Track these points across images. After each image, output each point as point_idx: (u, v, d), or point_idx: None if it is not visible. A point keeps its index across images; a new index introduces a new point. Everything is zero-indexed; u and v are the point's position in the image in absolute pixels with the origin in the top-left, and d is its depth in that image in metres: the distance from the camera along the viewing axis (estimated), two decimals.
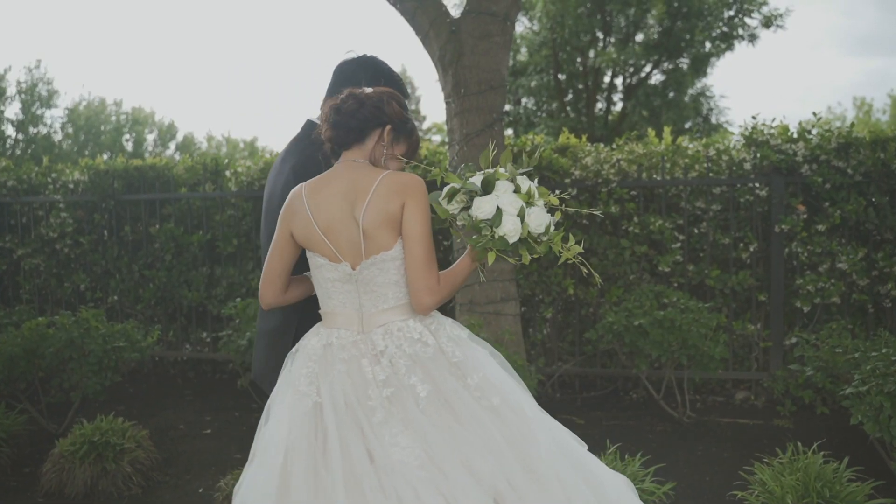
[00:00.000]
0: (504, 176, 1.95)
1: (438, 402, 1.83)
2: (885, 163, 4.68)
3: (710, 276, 4.95)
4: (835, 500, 2.73)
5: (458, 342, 1.93)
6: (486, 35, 4.59)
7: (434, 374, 1.86)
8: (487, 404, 1.84)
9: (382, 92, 2.03)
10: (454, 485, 1.72)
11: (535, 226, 1.93)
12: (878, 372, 3.13)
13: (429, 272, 1.88)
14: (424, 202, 1.90)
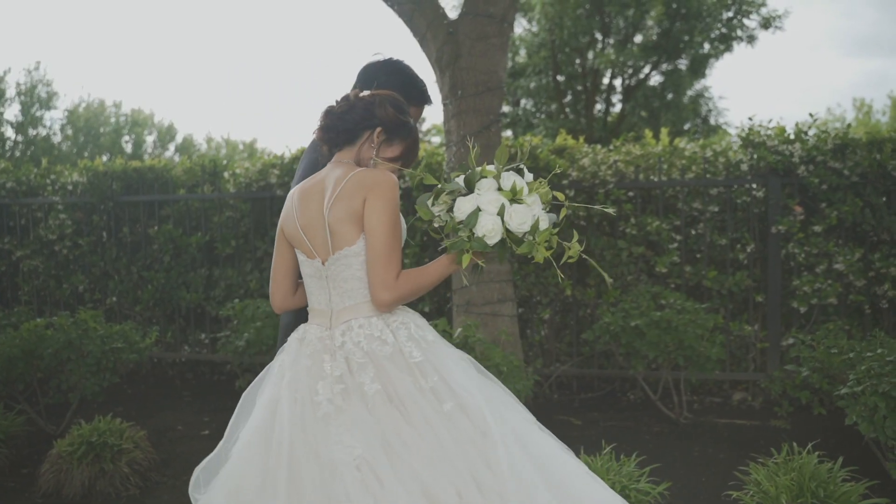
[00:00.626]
0: (490, 173, 1.89)
1: (387, 403, 1.80)
2: (882, 164, 4.70)
3: (708, 277, 4.96)
4: (829, 500, 2.74)
5: (419, 342, 1.89)
6: (483, 37, 4.60)
7: (388, 374, 1.83)
8: (440, 409, 1.78)
9: (378, 95, 2.05)
10: (388, 490, 1.68)
11: (518, 224, 1.84)
12: (872, 372, 3.14)
13: (385, 268, 1.86)
14: (387, 197, 1.87)
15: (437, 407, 1.78)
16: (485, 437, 1.75)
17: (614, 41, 14.18)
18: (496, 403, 1.86)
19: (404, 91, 2.36)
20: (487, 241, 1.84)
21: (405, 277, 1.88)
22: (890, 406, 3.06)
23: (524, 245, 1.85)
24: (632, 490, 2.85)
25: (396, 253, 1.88)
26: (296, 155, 5.76)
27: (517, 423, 1.86)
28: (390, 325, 1.92)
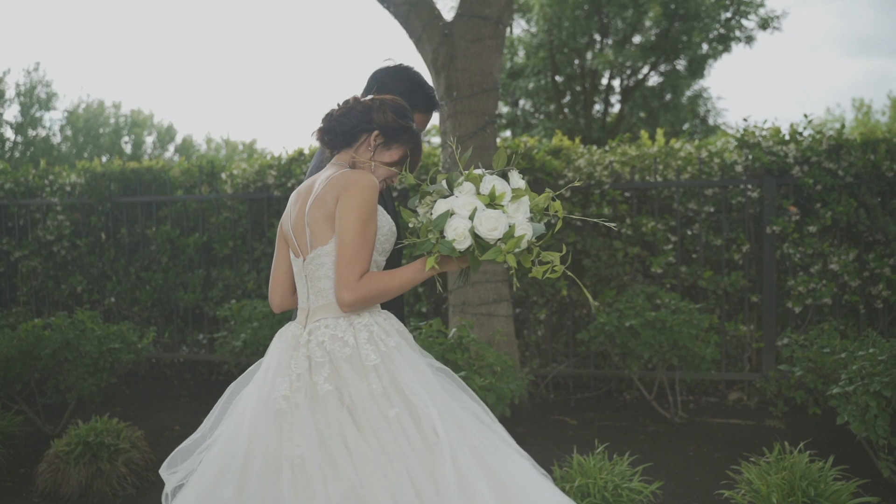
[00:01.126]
0: (474, 177, 1.84)
1: (338, 404, 1.80)
2: (876, 164, 4.72)
3: (703, 277, 4.98)
4: (819, 499, 2.76)
5: (377, 346, 1.87)
6: (478, 38, 4.62)
7: (343, 375, 1.83)
8: (386, 414, 1.77)
9: (378, 98, 2.06)
10: (316, 492, 1.69)
11: (488, 230, 1.76)
12: (864, 372, 3.16)
13: (349, 268, 1.84)
14: (358, 198, 1.86)
15: (384, 412, 1.77)
16: (431, 447, 1.73)
17: (613, 42, 14.20)
18: (458, 415, 1.82)
19: (410, 96, 2.36)
20: (456, 245, 1.78)
21: (369, 279, 1.86)
22: (881, 405, 3.07)
23: (490, 251, 1.77)
24: (624, 489, 2.87)
25: (363, 254, 1.85)
26: (293, 156, 5.78)
27: (479, 439, 1.81)
28: (354, 327, 1.91)
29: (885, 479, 3.43)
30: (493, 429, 1.91)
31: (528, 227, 1.80)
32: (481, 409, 1.95)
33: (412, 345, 1.99)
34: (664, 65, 14.19)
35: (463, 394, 1.95)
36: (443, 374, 1.96)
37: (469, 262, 1.83)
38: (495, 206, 1.80)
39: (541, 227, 1.83)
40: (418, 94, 2.41)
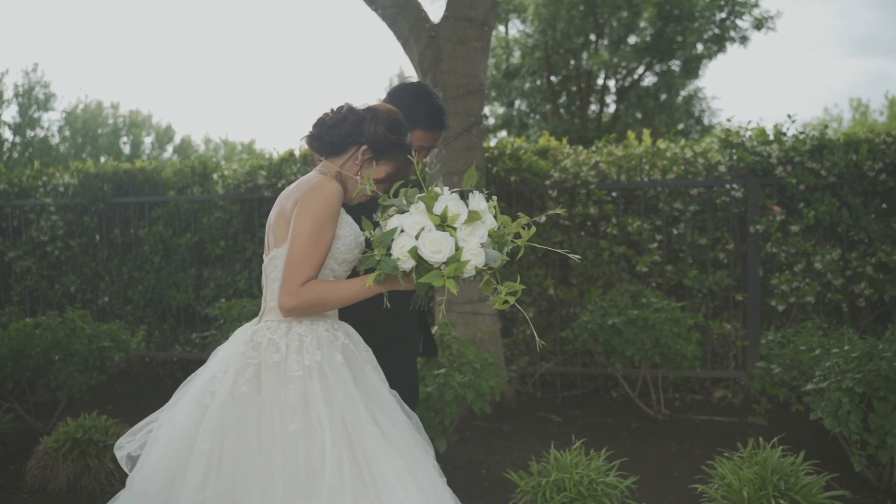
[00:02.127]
0: (432, 195, 1.77)
1: (248, 408, 1.81)
2: (858, 164, 4.77)
3: (689, 276, 5.04)
4: (790, 492, 2.81)
5: (304, 356, 1.86)
6: (463, 40, 4.67)
7: (264, 381, 1.84)
8: (285, 428, 1.78)
9: (373, 110, 2.01)
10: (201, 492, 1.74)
11: (431, 251, 1.70)
12: (837, 368, 3.21)
13: (293, 273, 1.84)
14: (312, 204, 1.85)
15: (284, 426, 1.78)
16: (313, 476, 1.73)
17: (608, 42, 14.26)
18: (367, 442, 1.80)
19: (413, 111, 2.34)
20: (400, 265, 1.73)
21: (311, 286, 1.84)
22: (853, 401, 3.12)
23: (429, 274, 1.70)
24: (599, 483, 2.92)
25: (310, 260, 1.84)
26: (283, 157, 5.83)
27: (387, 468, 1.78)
28: (290, 334, 1.90)
29: (858, 473, 3.48)
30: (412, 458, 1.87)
31: (478, 253, 1.72)
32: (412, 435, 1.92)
33: (355, 360, 1.95)
34: (659, 65, 14.24)
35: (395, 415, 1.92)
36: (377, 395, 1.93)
37: (414, 282, 1.76)
38: (446, 227, 1.73)
39: (495, 253, 1.74)
40: (421, 110, 2.38)
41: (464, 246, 1.72)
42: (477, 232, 1.74)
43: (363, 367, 1.98)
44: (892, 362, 3.10)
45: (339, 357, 1.91)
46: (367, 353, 2.05)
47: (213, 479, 1.77)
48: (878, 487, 3.43)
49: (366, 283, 1.82)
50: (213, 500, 1.74)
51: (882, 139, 4.85)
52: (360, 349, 2.03)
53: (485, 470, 3.71)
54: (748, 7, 13.65)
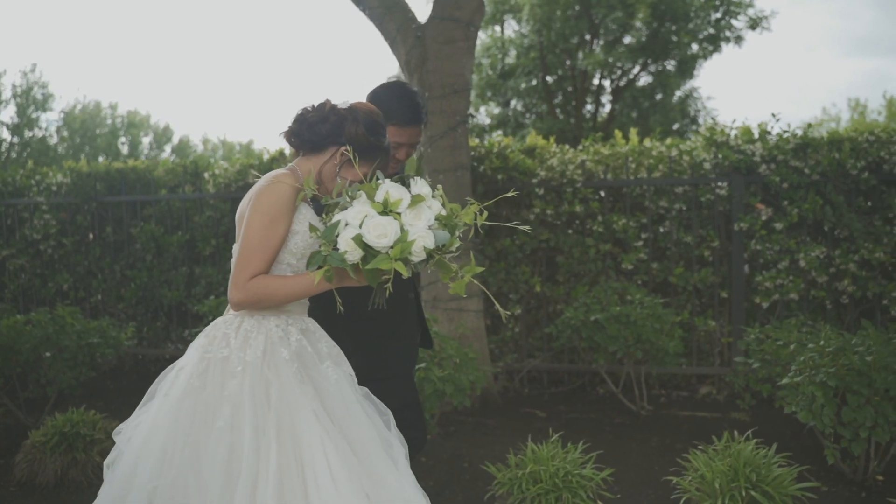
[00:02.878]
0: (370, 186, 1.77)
1: (194, 402, 1.84)
2: (841, 163, 4.82)
3: (674, 273, 5.09)
4: (761, 484, 2.86)
5: (247, 351, 1.88)
6: (449, 40, 4.72)
7: (210, 375, 1.87)
8: (213, 424, 1.80)
9: (354, 109, 2.01)
10: (156, 477, 1.80)
11: (376, 237, 1.69)
12: (811, 363, 3.26)
13: (240, 268, 1.87)
14: (264, 202, 1.87)
15: (214, 422, 1.80)
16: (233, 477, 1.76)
17: (603, 42, 14.31)
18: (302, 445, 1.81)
19: (390, 105, 2.37)
20: (348, 257, 1.72)
21: (257, 282, 1.86)
22: (828, 395, 3.17)
23: (377, 259, 1.68)
24: (575, 475, 2.97)
25: (257, 255, 1.85)
26: (273, 156, 5.89)
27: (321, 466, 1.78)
28: (240, 328, 1.91)
29: (834, 467, 3.53)
30: (367, 453, 1.88)
31: (426, 235, 1.72)
32: (364, 435, 1.90)
33: (308, 357, 1.95)
34: (654, 65, 14.29)
35: (352, 412, 1.92)
36: (333, 391, 1.93)
37: (364, 274, 1.74)
38: (390, 213, 1.73)
39: (444, 233, 1.74)
40: (394, 105, 2.40)
41: (410, 229, 1.72)
42: (423, 215, 1.74)
43: (318, 364, 1.96)
44: (864, 357, 3.15)
45: (284, 353, 1.90)
46: (328, 347, 2.02)
47: (165, 470, 1.80)
48: (854, 480, 3.48)
49: (318, 286, 1.82)
50: (163, 488, 1.78)
51: (865, 137, 4.90)
52: (318, 344, 2.01)
53: (467, 463, 3.76)
54: (743, 7, 13.70)
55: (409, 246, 1.69)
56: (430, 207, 1.77)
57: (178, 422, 1.84)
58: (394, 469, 1.91)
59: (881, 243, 4.74)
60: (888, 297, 4.77)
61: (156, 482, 1.80)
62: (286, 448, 1.81)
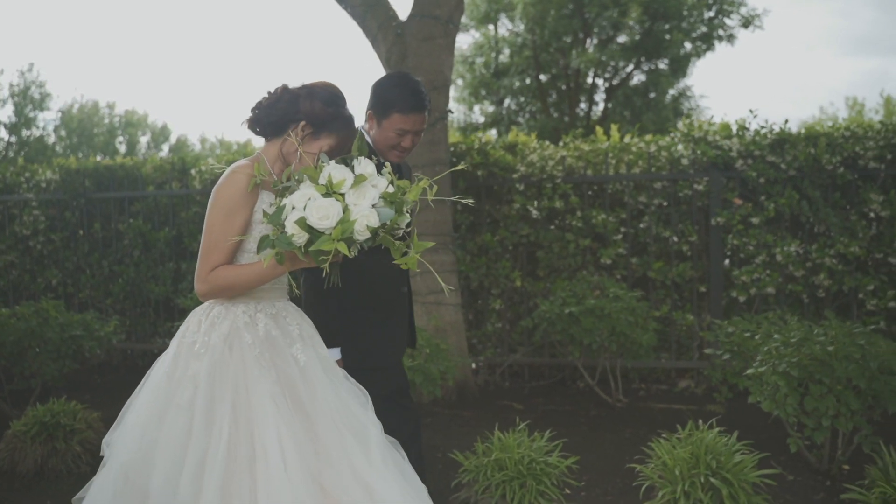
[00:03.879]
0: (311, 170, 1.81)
1: (166, 382, 1.96)
2: (817, 158, 4.87)
3: (653, 268, 5.14)
4: (721, 471, 2.92)
5: (211, 335, 1.96)
6: (429, 37, 4.78)
7: (178, 359, 1.98)
8: (175, 402, 1.91)
9: (308, 87, 2.06)
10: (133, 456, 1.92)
11: (318, 218, 1.72)
12: (775, 353, 3.32)
13: (201, 261, 1.97)
14: (221, 194, 1.94)
15: (175, 400, 1.92)
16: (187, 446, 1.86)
17: (597, 41, 14.36)
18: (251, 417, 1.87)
19: (390, 92, 2.42)
20: (294, 240, 1.75)
21: (217, 273, 1.94)
22: (792, 385, 3.22)
23: (319, 240, 1.71)
24: (539, 463, 3.03)
25: (217, 248, 1.93)
26: None
27: (273, 446, 1.83)
28: (209, 315, 2.02)
29: (802, 456, 3.59)
30: (332, 433, 1.92)
31: (370, 214, 1.75)
32: (328, 417, 1.94)
33: (274, 341, 1.99)
34: (647, 64, 14.34)
35: (319, 392, 1.96)
36: (300, 373, 1.98)
37: (312, 256, 1.77)
38: (334, 194, 1.75)
39: (387, 211, 1.77)
40: (395, 93, 2.43)
41: (353, 209, 1.74)
42: (367, 194, 1.76)
43: (287, 348, 2.01)
44: (826, 347, 3.20)
45: (247, 338, 1.97)
46: (300, 329, 2.06)
47: (138, 446, 1.90)
48: (819, 469, 3.53)
49: (273, 270, 1.88)
50: (133, 463, 1.88)
51: (840, 133, 4.95)
52: (289, 328, 2.05)
53: (440, 454, 3.82)
54: (735, 6, 13.74)
55: (350, 226, 1.71)
56: (375, 186, 1.79)
57: (154, 402, 1.95)
58: (361, 454, 1.93)
59: (857, 238, 4.80)
60: (863, 291, 4.82)
61: (128, 456, 1.90)
62: (239, 429, 1.87)
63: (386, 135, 2.46)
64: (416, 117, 2.46)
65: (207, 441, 1.85)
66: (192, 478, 1.81)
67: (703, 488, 2.88)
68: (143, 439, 1.90)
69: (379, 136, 2.48)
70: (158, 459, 1.87)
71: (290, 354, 2.00)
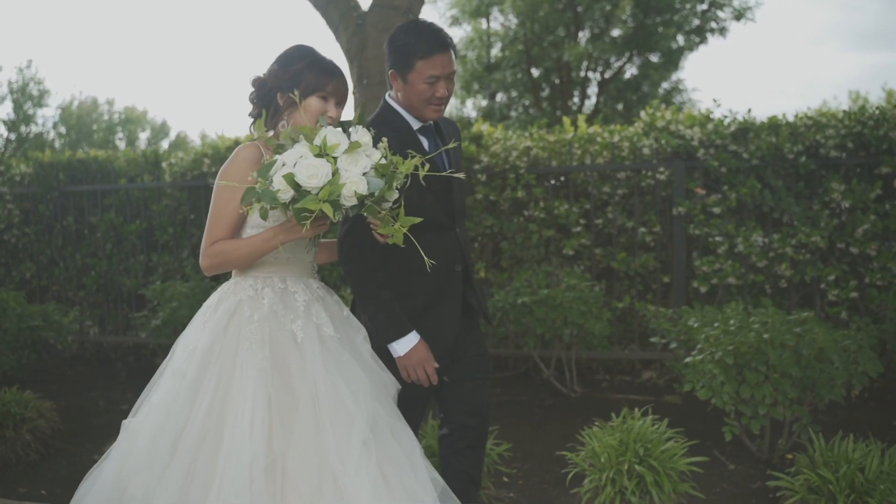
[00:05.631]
0: (307, 129, 1.82)
1: (183, 354, 2.06)
2: (779, 147, 4.83)
3: (617, 258, 5.13)
4: (648, 458, 2.91)
5: (218, 309, 2.06)
6: (388, 28, 4.77)
7: (196, 330, 2.08)
8: (175, 368, 2.02)
9: (271, 65, 2.12)
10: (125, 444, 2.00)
11: (306, 176, 1.72)
12: (712, 341, 3.30)
13: (206, 236, 2.06)
14: (223, 172, 2.01)
15: (171, 365, 2.04)
16: (187, 403, 1.95)
17: (589, 34, 14.30)
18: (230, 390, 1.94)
19: (405, 47, 2.25)
20: (280, 196, 1.75)
21: (218, 246, 2.02)
22: (730, 373, 3.21)
23: (304, 199, 1.71)
24: None
25: (218, 221, 2.02)
26: (229, 145, 5.96)
27: (245, 413, 1.89)
28: (220, 290, 2.14)
29: (744, 446, 3.57)
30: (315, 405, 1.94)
31: (359, 181, 1.74)
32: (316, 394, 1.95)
33: (274, 315, 2.02)
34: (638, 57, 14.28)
35: (312, 368, 1.98)
36: (297, 346, 2.01)
37: (294, 214, 1.79)
38: (326, 156, 1.76)
39: (377, 181, 1.76)
40: (416, 38, 2.24)
41: (344, 173, 1.74)
42: (359, 162, 1.76)
43: (288, 324, 2.02)
44: (761, 334, 3.19)
45: (247, 311, 2.02)
46: (306, 306, 2.06)
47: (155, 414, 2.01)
48: (760, 458, 3.52)
49: (272, 234, 1.96)
50: (144, 429, 1.99)
51: (803, 122, 4.92)
52: (295, 304, 2.06)
53: None
54: None
55: (338, 189, 1.71)
56: (369, 156, 1.79)
57: (160, 370, 2.10)
58: (333, 441, 1.90)
59: (818, 227, 4.76)
60: (825, 282, 4.79)
61: (131, 418, 2.03)
62: (218, 401, 1.92)
63: (415, 89, 2.25)
64: (442, 58, 2.25)
65: (190, 408, 1.92)
66: (170, 442, 1.90)
67: (628, 475, 2.88)
68: (143, 404, 2.04)
69: (409, 94, 2.27)
70: (147, 420, 1.96)
71: (289, 330, 2.02)
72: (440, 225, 2.34)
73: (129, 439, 1.97)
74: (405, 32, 2.28)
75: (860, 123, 4.82)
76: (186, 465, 1.85)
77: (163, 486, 1.84)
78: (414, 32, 2.26)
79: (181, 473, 1.85)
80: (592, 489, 2.93)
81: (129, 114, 23.87)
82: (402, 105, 2.33)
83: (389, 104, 2.36)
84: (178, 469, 1.85)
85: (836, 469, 2.79)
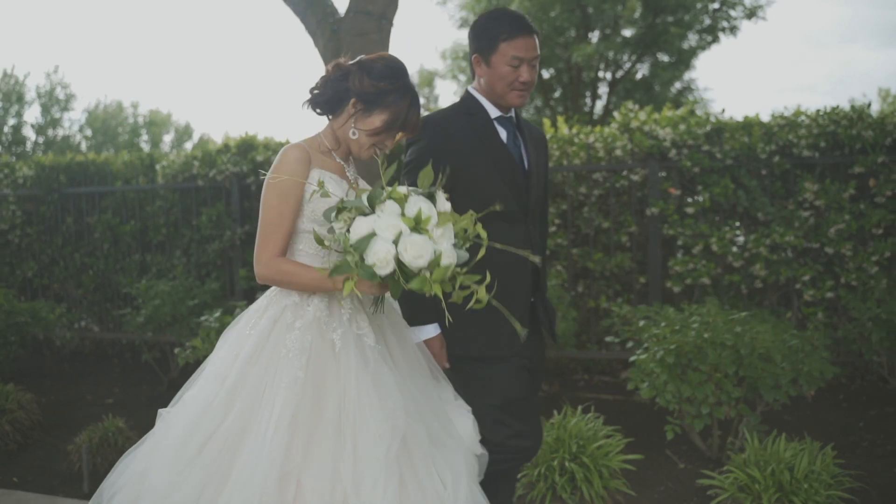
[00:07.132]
0: (398, 196, 1.72)
1: (228, 360, 2.02)
2: (751, 147, 4.82)
3: (593, 259, 5.15)
4: (581, 454, 2.96)
5: (263, 316, 2.00)
6: (362, 33, 4.88)
7: (233, 332, 2.07)
8: (215, 380, 1.96)
9: (359, 62, 2.03)
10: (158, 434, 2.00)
11: (413, 257, 1.65)
12: (656, 340, 3.33)
13: (260, 245, 1.96)
14: (271, 178, 1.92)
15: (219, 370, 1.98)
16: (211, 412, 1.93)
17: (600, 35, 14.25)
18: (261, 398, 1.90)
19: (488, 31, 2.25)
20: (378, 271, 1.67)
21: (280, 263, 1.94)
22: (674, 373, 3.24)
23: (415, 280, 1.66)
24: None
25: (272, 232, 1.93)
26: (219, 147, 6.12)
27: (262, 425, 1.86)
28: (266, 296, 2.06)
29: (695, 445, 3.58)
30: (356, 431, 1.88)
31: (452, 255, 1.70)
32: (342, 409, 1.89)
33: (321, 325, 1.97)
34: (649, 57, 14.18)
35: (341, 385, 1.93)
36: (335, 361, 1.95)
37: (390, 288, 1.73)
38: (420, 230, 1.69)
39: (465, 253, 1.74)
40: (497, 22, 2.23)
41: (440, 248, 1.69)
42: (447, 233, 1.72)
43: (329, 333, 1.97)
44: (701, 333, 3.21)
45: (289, 318, 1.98)
46: (351, 313, 1.99)
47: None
48: (710, 457, 3.53)
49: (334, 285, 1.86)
50: (167, 414, 2.03)
51: (776, 122, 4.89)
52: (340, 311, 2.00)
53: None
54: None
55: (446, 270, 1.67)
56: (450, 226, 1.75)
57: (202, 367, 2.08)
58: (367, 451, 1.85)
59: (793, 227, 4.73)
60: (800, 282, 4.75)
61: (167, 409, 2.04)
62: (248, 405, 1.91)
63: (499, 72, 2.24)
64: (525, 41, 2.23)
65: (224, 415, 1.90)
66: (199, 444, 1.88)
67: (560, 471, 2.93)
68: (183, 397, 2.03)
69: (492, 79, 2.27)
70: (182, 416, 1.94)
71: (330, 339, 1.97)
72: (509, 215, 2.26)
73: (164, 429, 1.97)
74: (488, 17, 2.30)
75: (834, 123, 4.78)
76: (207, 465, 1.85)
77: (183, 482, 1.84)
78: (498, 16, 2.27)
79: (201, 473, 1.84)
80: (527, 484, 2.99)
81: (154, 116, 24.44)
82: (483, 93, 2.33)
83: (470, 93, 2.35)
84: (199, 468, 1.85)
85: (764, 468, 2.80)
